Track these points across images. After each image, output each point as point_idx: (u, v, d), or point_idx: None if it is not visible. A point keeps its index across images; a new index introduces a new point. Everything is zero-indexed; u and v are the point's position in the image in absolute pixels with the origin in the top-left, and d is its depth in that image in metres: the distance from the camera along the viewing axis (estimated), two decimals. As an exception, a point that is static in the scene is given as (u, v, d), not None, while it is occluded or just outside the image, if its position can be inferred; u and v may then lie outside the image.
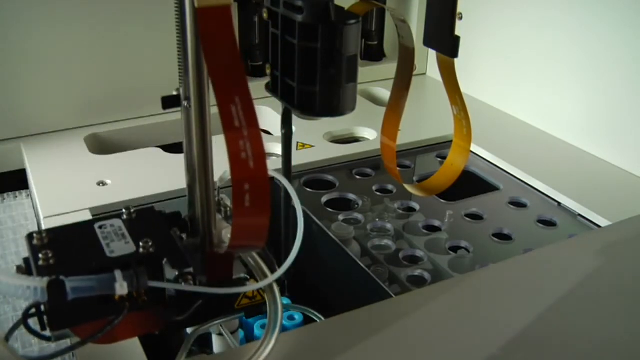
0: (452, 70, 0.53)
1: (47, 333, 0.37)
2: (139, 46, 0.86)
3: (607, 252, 0.57)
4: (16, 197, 0.75)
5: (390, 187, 0.76)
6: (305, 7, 0.44)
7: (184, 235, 0.43)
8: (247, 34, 0.96)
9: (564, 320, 0.48)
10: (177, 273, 0.38)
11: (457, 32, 0.49)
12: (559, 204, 0.73)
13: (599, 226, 0.68)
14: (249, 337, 0.60)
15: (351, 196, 0.74)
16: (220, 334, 0.53)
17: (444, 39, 0.50)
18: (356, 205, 0.73)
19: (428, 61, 1.09)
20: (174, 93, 0.40)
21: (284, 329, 0.60)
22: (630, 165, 0.78)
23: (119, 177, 0.74)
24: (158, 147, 0.82)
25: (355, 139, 0.88)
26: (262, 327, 0.59)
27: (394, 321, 0.47)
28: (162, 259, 0.38)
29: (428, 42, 0.52)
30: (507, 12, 0.93)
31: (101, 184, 0.72)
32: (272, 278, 0.40)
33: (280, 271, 0.40)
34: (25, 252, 0.65)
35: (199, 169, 0.41)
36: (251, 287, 0.42)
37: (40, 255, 0.37)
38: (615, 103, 0.79)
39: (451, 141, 0.90)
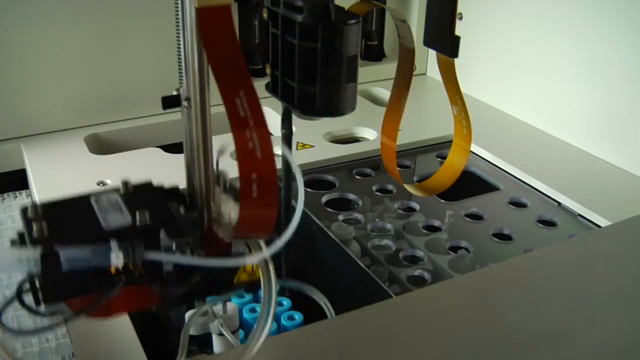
0: (452, 70, 0.53)
1: (42, 309, 0.36)
2: (139, 46, 0.86)
3: (607, 252, 0.57)
4: (16, 197, 0.75)
5: (390, 187, 0.76)
6: (305, 7, 0.44)
7: (181, 209, 0.42)
8: (247, 35, 0.96)
9: (563, 320, 0.48)
10: (174, 246, 0.37)
11: (457, 32, 0.49)
12: (559, 204, 0.73)
13: (599, 226, 0.68)
14: (249, 337, 0.60)
15: (351, 196, 0.74)
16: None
17: (444, 39, 0.50)
18: (356, 205, 0.73)
19: (428, 61, 1.09)
20: (174, 93, 0.40)
21: (284, 328, 0.60)
22: (630, 165, 0.78)
23: (119, 177, 0.73)
24: (158, 147, 0.82)
25: (355, 139, 0.88)
26: (262, 327, 0.59)
27: (394, 321, 0.47)
28: (159, 230, 0.37)
29: (428, 42, 0.52)
30: (507, 11, 0.93)
31: (101, 184, 0.72)
32: (268, 251, 0.39)
33: (278, 244, 0.38)
34: (25, 252, 0.65)
35: (197, 142, 0.40)
36: (246, 259, 0.40)
37: (34, 227, 0.36)
38: (616, 103, 0.79)
39: (451, 141, 0.90)
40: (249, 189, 0.35)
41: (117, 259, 0.35)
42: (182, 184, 0.75)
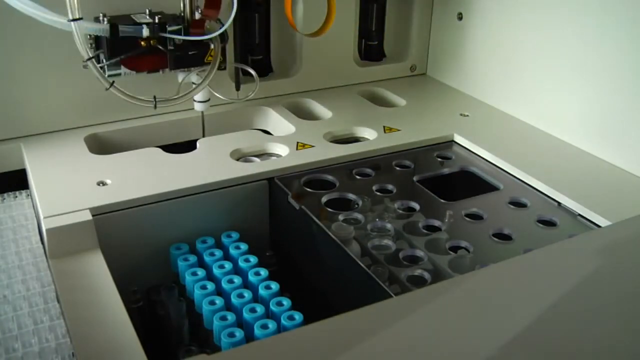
0: None
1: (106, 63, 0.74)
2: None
3: (607, 252, 0.57)
4: (16, 197, 0.75)
5: (390, 187, 0.76)
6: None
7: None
8: (247, 34, 0.96)
9: (563, 320, 0.48)
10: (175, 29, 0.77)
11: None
12: (559, 204, 0.73)
13: (599, 226, 0.68)
14: (249, 337, 0.60)
15: (351, 196, 0.74)
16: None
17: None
18: (356, 205, 0.73)
19: (428, 61, 1.09)
20: None
21: (284, 328, 0.60)
22: (630, 165, 0.78)
23: (119, 177, 0.74)
24: (158, 147, 0.82)
25: (355, 139, 0.88)
26: (262, 327, 0.59)
27: (394, 321, 0.47)
28: (167, 24, 0.77)
29: None
30: (506, 11, 0.93)
31: (101, 184, 0.72)
32: (219, 30, 0.77)
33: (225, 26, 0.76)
34: (24, 253, 0.65)
35: None
36: (210, 35, 0.77)
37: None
38: (616, 103, 0.79)
39: (451, 141, 0.90)
40: None
41: (145, 32, 0.75)
42: (182, 184, 0.75)
